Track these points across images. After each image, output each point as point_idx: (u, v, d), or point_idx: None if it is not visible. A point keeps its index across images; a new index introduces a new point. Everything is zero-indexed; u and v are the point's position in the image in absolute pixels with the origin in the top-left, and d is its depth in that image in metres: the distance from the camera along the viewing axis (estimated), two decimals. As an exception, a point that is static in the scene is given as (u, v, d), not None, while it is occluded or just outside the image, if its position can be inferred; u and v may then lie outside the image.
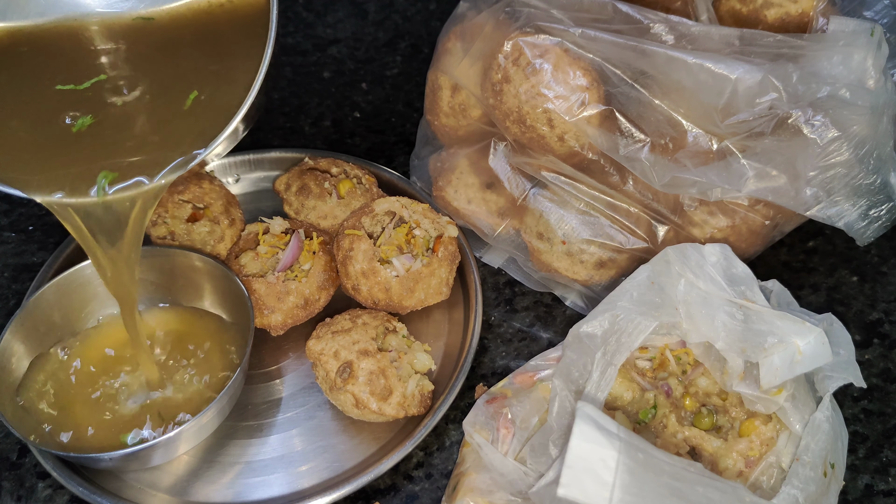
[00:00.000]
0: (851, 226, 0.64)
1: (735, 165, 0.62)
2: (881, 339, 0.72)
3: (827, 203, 0.62)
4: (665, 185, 0.63)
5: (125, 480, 0.64)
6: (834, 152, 0.60)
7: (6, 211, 0.87)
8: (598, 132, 0.64)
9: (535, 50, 0.64)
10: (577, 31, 0.63)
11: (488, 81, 0.67)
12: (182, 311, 0.72)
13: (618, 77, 0.62)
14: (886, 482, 0.63)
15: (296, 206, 0.77)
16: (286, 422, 0.68)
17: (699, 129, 0.62)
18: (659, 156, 0.63)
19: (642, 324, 0.59)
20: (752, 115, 0.60)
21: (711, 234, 0.68)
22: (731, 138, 0.62)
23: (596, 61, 0.63)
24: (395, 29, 1.08)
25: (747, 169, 0.62)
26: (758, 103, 0.60)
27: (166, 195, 0.75)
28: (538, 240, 0.72)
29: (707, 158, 0.63)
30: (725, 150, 0.62)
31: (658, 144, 0.64)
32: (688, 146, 0.63)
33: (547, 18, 0.64)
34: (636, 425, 0.61)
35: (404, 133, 0.94)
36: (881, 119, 0.61)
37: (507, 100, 0.66)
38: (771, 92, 0.59)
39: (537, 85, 0.64)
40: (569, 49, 0.63)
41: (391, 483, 0.65)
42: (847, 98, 0.60)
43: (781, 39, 0.61)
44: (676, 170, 0.63)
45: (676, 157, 0.63)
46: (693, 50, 0.61)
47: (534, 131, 0.66)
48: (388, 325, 0.68)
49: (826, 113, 0.60)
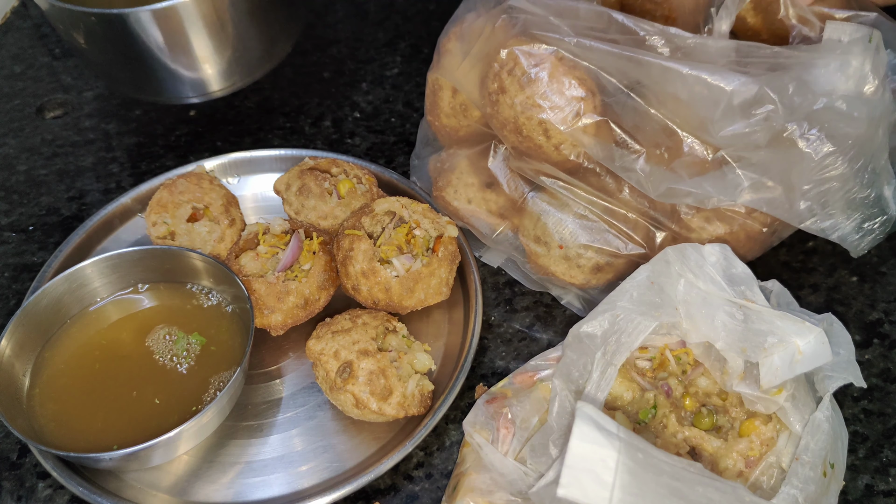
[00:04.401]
0: (845, 238, 0.64)
1: (730, 176, 0.62)
2: (881, 339, 0.72)
3: (821, 216, 0.62)
4: (660, 194, 0.63)
5: (125, 480, 0.64)
6: (829, 166, 0.60)
7: (6, 211, 0.87)
8: (594, 142, 0.64)
9: (531, 59, 0.63)
10: (573, 39, 0.62)
11: (485, 90, 0.67)
12: None
13: (613, 86, 0.62)
14: (886, 482, 0.63)
15: (296, 206, 0.77)
16: (286, 422, 0.68)
17: (695, 139, 0.62)
18: (654, 166, 0.63)
19: (642, 324, 0.59)
20: (748, 126, 0.60)
21: (709, 240, 0.68)
22: (726, 149, 0.62)
23: (592, 70, 0.62)
24: (395, 29, 1.08)
25: (742, 179, 0.62)
26: (753, 115, 0.59)
27: (166, 195, 0.75)
28: (535, 243, 0.72)
29: (703, 168, 0.63)
30: (721, 161, 0.62)
31: (654, 154, 0.64)
32: (683, 156, 0.63)
33: (544, 26, 0.63)
34: (636, 425, 0.61)
35: (404, 133, 0.94)
36: (877, 131, 0.61)
37: (503, 110, 0.66)
38: (767, 104, 0.59)
39: (532, 96, 0.64)
40: (564, 58, 0.63)
41: (391, 483, 0.65)
42: (843, 110, 0.60)
43: (778, 51, 0.61)
44: (672, 180, 0.63)
45: (672, 167, 0.63)
46: (689, 61, 0.61)
47: (530, 141, 0.66)
48: (388, 325, 0.68)
49: (821, 127, 0.59)
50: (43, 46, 1.09)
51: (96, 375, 0.66)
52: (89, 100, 1.00)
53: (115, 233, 0.82)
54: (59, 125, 0.97)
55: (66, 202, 0.88)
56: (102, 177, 0.90)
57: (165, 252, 0.71)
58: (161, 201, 0.75)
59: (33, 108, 1.00)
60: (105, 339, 0.69)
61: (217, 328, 0.69)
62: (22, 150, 0.94)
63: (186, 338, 0.68)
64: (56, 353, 0.68)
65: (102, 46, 0.86)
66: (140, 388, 0.66)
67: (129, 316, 0.71)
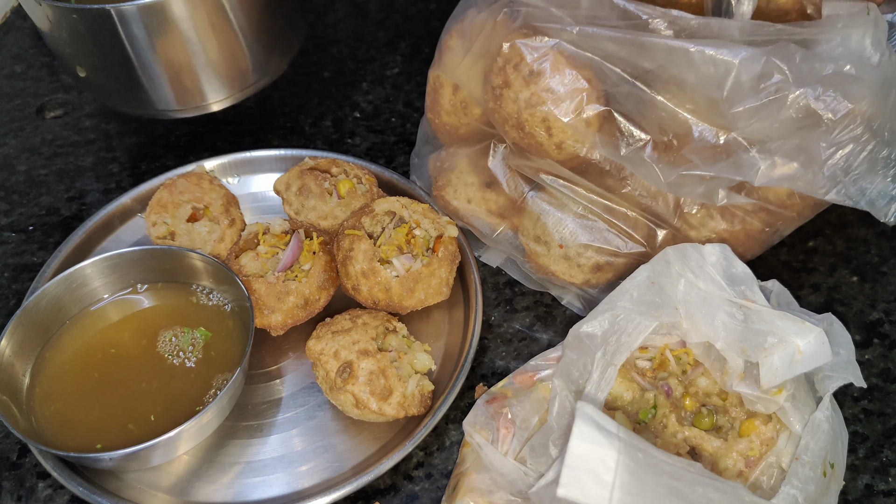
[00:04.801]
0: (873, 204, 0.62)
1: (745, 157, 0.61)
2: (881, 339, 0.72)
3: (846, 183, 0.61)
4: (671, 183, 0.62)
5: (125, 480, 0.64)
6: (847, 127, 0.59)
7: (6, 211, 0.87)
8: (598, 134, 0.63)
9: (534, 52, 0.63)
10: (575, 29, 0.62)
11: (488, 85, 0.67)
12: None
13: (617, 75, 0.62)
14: (886, 482, 0.63)
15: (296, 206, 0.77)
16: (286, 422, 0.68)
17: (704, 124, 0.61)
18: (663, 154, 0.63)
19: (642, 324, 0.59)
20: (759, 100, 0.59)
21: (708, 237, 0.68)
22: (738, 129, 0.60)
23: (595, 60, 0.62)
24: (395, 29, 1.08)
25: (758, 160, 0.60)
26: (763, 89, 0.59)
27: (166, 195, 0.75)
28: (535, 243, 0.72)
29: (714, 153, 0.62)
30: (733, 143, 0.61)
31: (660, 143, 0.63)
32: (693, 142, 0.62)
33: (545, 17, 0.63)
34: (636, 425, 0.61)
35: (404, 133, 0.94)
36: (890, 92, 0.60)
37: (507, 105, 0.66)
38: (776, 75, 0.59)
39: (537, 92, 0.63)
40: (566, 50, 0.63)
41: (391, 483, 0.65)
42: (853, 73, 0.59)
43: (780, 28, 0.61)
44: (683, 167, 0.62)
45: (682, 154, 0.62)
46: (693, 39, 0.60)
47: (532, 138, 0.66)
48: (388, 325, 0.68)
49: (835, 87, 0.59)
50: (43, 46, 1.09)
51: (97, 375, 0.66)
52: (89, 100, 1.00)
53: (115, 233, 0.82)
54: (60, 125, 0.97)
55: (66, 202, 0.88)
56: (102, 177, 0.90)
57: (165, 252, 0.71)
58: (161, 201, 0.75)
59: (33, 108, 1.00)
60: (106, 339, 0.69)
61: (217, 328, 0.69)
62: (22, 150, 0.94)
63: (192, 332, 0.68)
64: (56, 353, 0.68)
65: (87, 49, 0.81)
66: (141, 388, 0.66)
67: (129, 316, 0.71)
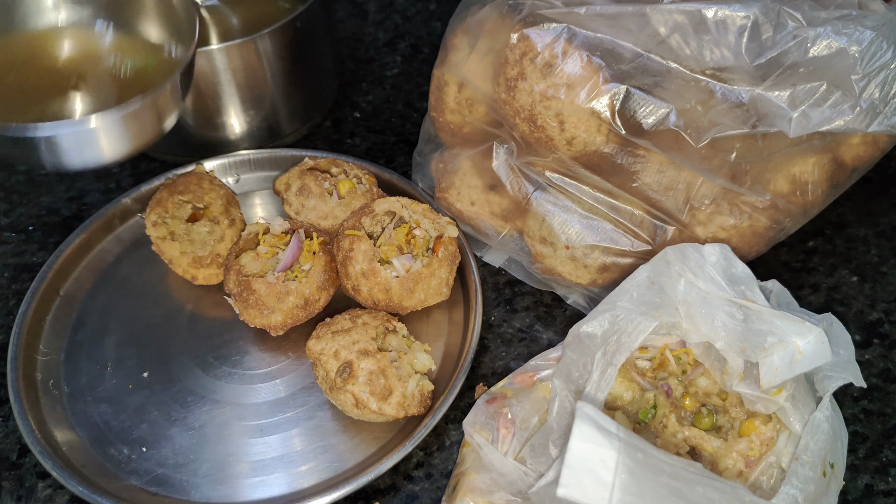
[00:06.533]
0: None
1: (775, 109, 0.60)
2: (881, 339, 0.72)
3: (887, 112, 0.61)
4: (705, 145, 0.61)
5: (125, 480, 0.64)
6: (875, 55, 0.60)
7: (6, 211, 0.87)
8: (618, 116, 0.63)
9: (544, 38, 0.63)
10: (582, 10, 0.62)
11: (503, 76, 0.66)
12: None
13: (630, 51, 0.61)
14: (886, 482, 0.63)
15: (296, 207, 0.77)
16: (286, 422, 0.68)
17: (724, 85, 0.61)
18: (690, 119, 0.62)
19: (642, 324, 0.59)
20: (780, 48, 0.59)
21: (716, 233, 0.68)
22: (763, 83, 0.60)
23: (606, 39, 0.62)
24: (395, 29, 1.08)
25: (788, 110, 0.60)
26: (780, 38, 0.59)
27: (166, 195, 0.75)
28: (541, 244, 0.72)
29: (741, 113, 0.61)
30: (759, 99, 0.61)
31: (684, 110, 0.62)
32: (717, 105, 0.61)
33: (550, 4, 0.63)
34: (636, 425, 0.61)
35: (404, 133, 0.94)
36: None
37: (521, 97, 0.65)
38: (790, 23, 0.59)
39: (553, 83, 0.63)
40: (576, 33, 0.62)
41: (391, 483, 0.65)
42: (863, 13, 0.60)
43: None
44: (713, 129, 0.61)
45: (710, 119, 0.62)
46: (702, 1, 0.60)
47: (543, 132, 0.65)
48: (388, 325, 0.68)
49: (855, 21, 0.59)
50: (43, 46, 1.09)
51: (29, 75, 0.61)
52: (89, 100, 1.00)
53: (115, 233, 0.82)
54: (59, 125, 0.97)
55: (66, 202, 0.88)
56: (102, 177, 0.90)
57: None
58: (161, 201, 0.75)
59: (33, 108, 1.00)
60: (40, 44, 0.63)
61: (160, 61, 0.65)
62: (22, 150, 0.94)
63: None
64: None
65: None
66: (70, 84, 0.61)
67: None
